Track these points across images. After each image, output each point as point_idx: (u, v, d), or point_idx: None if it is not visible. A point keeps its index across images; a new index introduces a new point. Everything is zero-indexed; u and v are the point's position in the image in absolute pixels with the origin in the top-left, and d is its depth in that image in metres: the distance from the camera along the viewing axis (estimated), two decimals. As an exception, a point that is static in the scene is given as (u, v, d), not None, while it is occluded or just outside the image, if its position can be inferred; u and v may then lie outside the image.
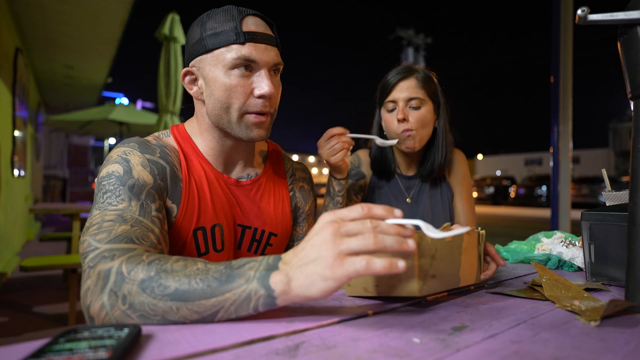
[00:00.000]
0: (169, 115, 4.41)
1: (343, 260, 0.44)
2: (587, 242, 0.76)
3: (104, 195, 0.66)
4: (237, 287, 0.47)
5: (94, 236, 0.57)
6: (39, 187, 8.62)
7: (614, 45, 0.60)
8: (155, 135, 0.81)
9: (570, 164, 3.10)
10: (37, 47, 5.51)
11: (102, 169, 0.70)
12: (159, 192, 0.71)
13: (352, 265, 0.44)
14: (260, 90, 0.73)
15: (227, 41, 0.71)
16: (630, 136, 0.58)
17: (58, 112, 9.25)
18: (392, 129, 1.15)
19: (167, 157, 0.76)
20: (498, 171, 36.02)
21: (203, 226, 0.77)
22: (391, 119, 1.15)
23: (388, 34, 27.82)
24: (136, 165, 0.69)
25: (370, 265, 0.43)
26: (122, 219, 0.61)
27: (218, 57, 0.73)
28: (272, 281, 0.47)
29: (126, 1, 4.28)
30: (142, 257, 0.53)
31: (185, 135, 0.82)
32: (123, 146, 0.73)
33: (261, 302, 0.47)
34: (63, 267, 2.44)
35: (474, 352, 0.41)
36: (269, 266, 0.48)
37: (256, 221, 0.85)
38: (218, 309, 0.47)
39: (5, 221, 4.00)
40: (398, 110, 1.12)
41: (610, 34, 1.07)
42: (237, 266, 0.49)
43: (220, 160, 0.83)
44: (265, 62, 0.73)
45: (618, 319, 0.53)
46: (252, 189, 0.86)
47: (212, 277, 0.48)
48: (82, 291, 0.54)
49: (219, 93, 0.73)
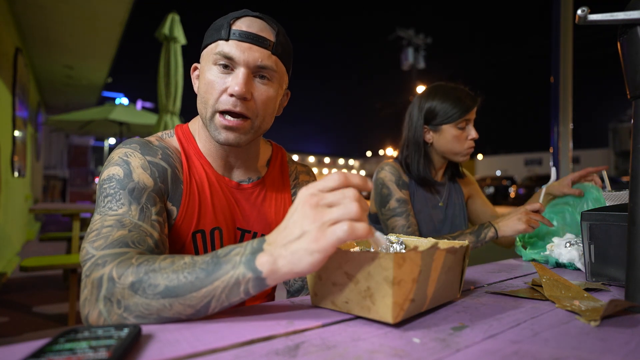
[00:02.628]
0: (169, 115, 4.40)
1: (326, 231, 0.44)
2: (587, 242, 0.76)
3: (105, 199, 0.65)
4: (224, 274, 0.47)
5: (92, 243, 0.57)
6: (39, 187, 8.62)
7: (614, 45, 0.60)
8: (158, 135, 0.81)
9: (570, 164, 3.09)
10: (37, 47, 5.51)
11: (104, 170, 0.70)
12: (160, 194, 0.71)
13: (334, 234, 0.44)
14: (231, 88, 0.70)
15: (217, 37, 0.72)
16: (630, 136, 0.58)
17: (58, 112, 9.24)
18: (459, 144, 1.30)
19: (169, 159, 0.75)
20: (498, 171, 36.02)
21: (202, 229, 0.77)
22: (463, 135, 1.30)
23: (388, 34, 27.80)
24: (137, 168, 0.69)
25: (353, 229, 0.44)
26: (120, 224, 0.61)
27: (208, 52, 0.74)
28: (259, 263, 0.47)
29: (126, 1, 4.28)
30: (132, 260, 0.53)
31: (188, 136, 0.82)
32: (124, 147, 0.72)
33: (251, 284, 0.47)
34: (63, 267, 2.44)
35: (474, 352, 0.41)
36: (253, 249, 0.48)
37: (256, 225, 0.84)
38: (210, 299, 0.48)
39: (5, 221, 4.00)
40: (470, 128, 1.30)
41: (610, 34, 1.08)
42: (223, 254, 0.49)
43: (220, 162, 0.82)
44: (244, 61, 0.71)
45: (618, 319, 0.53)
46: (253, 193, 0.85)
47: (199, 269, 0.48)
48: (81, 301, 0.54)
49: (202, 87, 0.74)
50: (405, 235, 0.75)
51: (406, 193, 1.31)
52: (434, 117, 1.31)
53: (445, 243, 0.65)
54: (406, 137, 1.36)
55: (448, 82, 1.35)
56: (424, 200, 1.36)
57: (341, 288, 0.52)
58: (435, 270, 0.54)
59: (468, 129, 1.30)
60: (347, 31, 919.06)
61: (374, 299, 0.48)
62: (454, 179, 1.47)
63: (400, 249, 0.66)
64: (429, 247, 0.53)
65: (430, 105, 1.31)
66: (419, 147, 1.33)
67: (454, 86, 1.33)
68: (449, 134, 1.29)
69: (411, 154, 1.34)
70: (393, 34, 26.46)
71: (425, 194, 1.38)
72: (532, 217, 1.07)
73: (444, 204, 1.40)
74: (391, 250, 0.64)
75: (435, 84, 1.36)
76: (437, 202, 1.39)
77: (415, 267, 0.49)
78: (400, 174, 1.34)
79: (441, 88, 1.32)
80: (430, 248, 0.52)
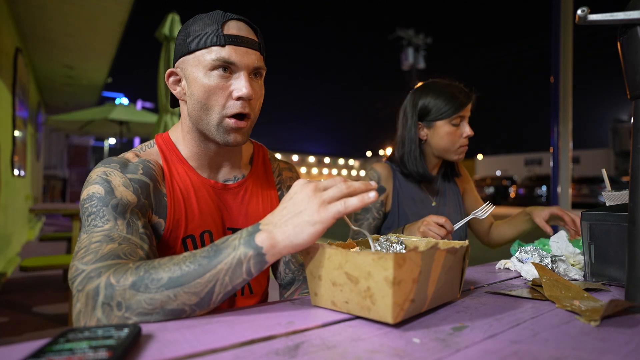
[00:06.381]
0: (169, 115, 4.40)
1: (327, 206, 0.51)
2: (587, 242, 0.76)
3: (88, 218, 0.65)
4: (226, 256, 0.51)
5: (81, 259, 0.56)
6: (39, 187, 8.62)
7: (614, 45, 0.60)
8: (136, 150, 0.80)
9: (570, 164, 3.09)
10: (37, 47, 5.51)
11: (83, 190, 0.69)
12: (144, 210, 0.71)
13: (334, 207, 0.51)
14: (239, 92, 0.73)
15: (208, 43, 0.72)
16: (630, 136, 0.58)
17: (58, 112, 9.23)
18: (453, 141, 1.28)
19: (150, 171, 0.75)
20: (498, 171, 36.02)
21: (192, 234, 0.78)
22: (457, 132, 1.28)
23: (388, 34, 27.80)
24: (118, 186, 0.68)
25: (348, 203, 0.51)
26: (109, 239, 0.60)
27: (199, 58, 0.74)
28: (258, 240, 0.51)
29: (126, 1, 4.28)
30: (129, 265, 0.53)
31: (169, 144, 0.82)
32: (103, 166, 0.72)
33: (252, 262, 0.51)
34: (63, 267, 2.44)
35: (474, 352, 0.41)
36: (250, 232, 0.52)
37: (245, 223, 0.85)
38: (214, 283, 0.50)
39: (5, 221, 4.00)
40: (464, 125, 1.28)
41: (610, 34, 1.07)
42: (221, 242, 0.53)
43: (205, 164, 0.82)
44: (245, 65, 0.74)
45: (618, 319, 0.53)
46: (239, 192, 0.86)
47: (201, 257, 0.51)
48: (74, 315, 0.53)
49: (199, 93, 0.74)
50: (406, 236, 0.75)
51: (378, 198, 1.31)
52: (427, 113, 1.29)
53: (445, 243, 0.65)
54: (401, 134, 1.35)
55: (443, 79, 1.34)
56: (412, 201, 1.34)
57: (341, 288, 0.52)
58: (435, 271, 0.54)
59: (462, 126, 1.28)
60: (347, 31, 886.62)
61: (374, 299, 0.48)
62: (450, 178, 1.45)
63: (400, 249, 0.66)
64: (429, 247, 0.53)
65: (424, 101, 1.29)
66: (413, 143, 1.32)
67: (448, 82, 1.31)
68: (442, 131, 1.28)
69: (406, 150, 1.32)
70: (393, 34, 26.47)
71: (417, 194, 1.35)
72: (429, 229, 1.04)
73: (436, 204, 1.37)
74: (391, 251, 0.64)
75: (430, 80, 1.35)
76: (430, 202, 1.37)
77: (416, 267, 0.49)
78: (381, 178, 1.32)
79: (435, 84, 1.31)
80: (430, 248, 0.52)
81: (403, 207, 1.33)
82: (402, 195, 1.34)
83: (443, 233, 1.03)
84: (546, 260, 0.81)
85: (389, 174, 1.34)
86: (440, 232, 1.03)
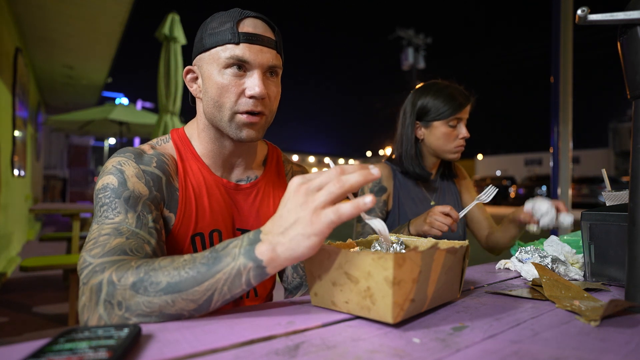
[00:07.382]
0: (169, 115, 4.40)
1: (319, 214, 0.47)
2: (587, 242, 0.76)
3: (101, 208, 0.66)
4: (225, 266, 0.49)
5: (90, 252, 0.57)
6: (39, 187, 8.62)
7: (614, 45, 0.60)
8: (153, 142, 0.81)
9: (570, 164, 3.09)
10: (37, 47, 5.51)
11: (99, 180, 0.70)
12: (156, 203, 0.71)
13: (327, 217, 0.46)
14: (251, 90, 0.73)
15: (223, 41, 0.72)
16: (630, 136, 0.58)
17: (58, 112, 9.23)
18: (449, 142, 1.29)
19: (164, 166, 0.75)
20: (498, 171, 36.01)
21: (201, 232, 0.78)
22: (453, 134, 1.29)
23: (388, 34, 27.80)
24: (131, 177, 0.69)
25: (339, 212, 0.46)
26: (117, 232, 0.61)
27: (214, 55, 0.74)
28: (258, 252, 0.48)
29: (126, 1, 4.28)
30: (131, 263, 0.53)
31: (184, 139, 0.82)
32: (118, 156, 0.72)
33: (252, 274, 0.49)
34: (63, 267, 2.44)
35: (474, 352, 0.41)
36: (251, 240, 0.50)
37: (255, 225, 0.85)
38: (212, 292, 0.49)
39: (5, 221, 4.00)
40: (461, 127, 1.29)
41: (610, 34, 1.08)
42: (221, 248, 0.51)
43: (219, 163, 0.82)
44: (258, 63, 0.73)
45: (618, 319, 0.53)
46: (251, 193, 0.86)
47: (200, 264, 0.50)
48: (79, 308, 0.54)
49: (213, 91, 0.74)
50: (406, 236, 0.75)
51: (380, 198, 1.32)
52: (426, 113, 1.31)
53: (445, 243, 0.65)
54: (400, 133, 1.37)
55: (442, 80, 1.36)
56: (412, 201, 1.35)
57: (341, 288, 0.52)
58: (435, 271, 0.54)
59: (459, 128, 1.29)
60: (347, 31, 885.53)
61: (374, 299, 0.48)
62: (449, 178, 1.47)
63: (400, 249, 0.66)
64: (429, 247, 0.53)
65: (423, 101, 1.31)
66: (411, 143, 1.34)
67: (448, 84, 1.33)
68: (439, 131, 1.29)
69: (405, 150, 1.34)
70: (393, 34, 26.45)
71: (416, 194, 1.37)
72: (436, 220, 1.04)
73: (435, 203, 1.39)
74: (391, 250, 0.64)
75: (430, 81, 1.36)
76: (429, 201, 1.38)
77: (416, 267, 0.49)
78: (382, 178, 1.33)
79: (435, 85, 1.33)
80: (430, 248, 0.52)
81: (403, 206, 1.34)
82: (402, 194, 1.35)
83: (449, 222, 1.05)
84: (546, 260, 0.81)
85: (389, 173, 1.35)
86: (446, 221, 1.05)
